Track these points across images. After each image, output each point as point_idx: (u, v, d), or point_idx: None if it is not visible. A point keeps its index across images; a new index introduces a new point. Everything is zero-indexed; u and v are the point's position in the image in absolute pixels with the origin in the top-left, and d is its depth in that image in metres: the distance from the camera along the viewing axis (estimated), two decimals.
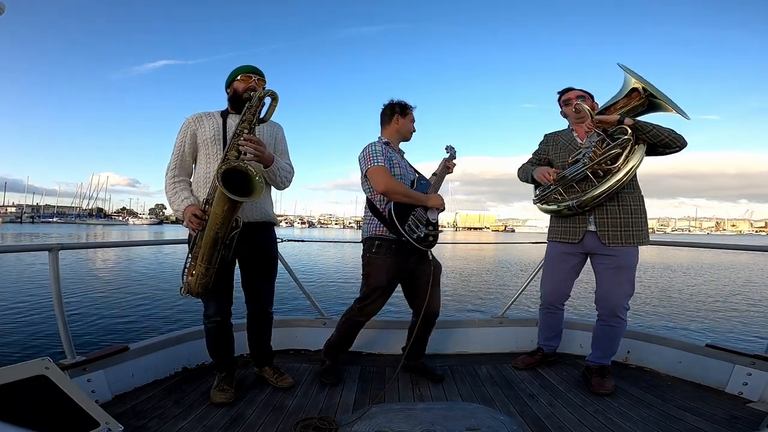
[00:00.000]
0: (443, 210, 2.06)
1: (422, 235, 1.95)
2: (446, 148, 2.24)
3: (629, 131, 1.89)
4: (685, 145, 1.91)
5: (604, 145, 1.96)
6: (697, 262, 17.08)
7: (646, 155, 1.96)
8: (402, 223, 1.93)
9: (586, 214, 2.06)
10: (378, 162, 1.96)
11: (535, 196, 2.29)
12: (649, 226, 2.14)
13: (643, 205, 2.04)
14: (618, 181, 1.91)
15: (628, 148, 1.90)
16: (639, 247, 2.03)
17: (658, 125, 1.91)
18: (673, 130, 1.90)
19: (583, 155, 2.01)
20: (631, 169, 1.90)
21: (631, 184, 2.01)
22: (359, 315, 2.08)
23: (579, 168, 2.02)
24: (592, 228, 2.05)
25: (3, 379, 1.24)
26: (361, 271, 2.11)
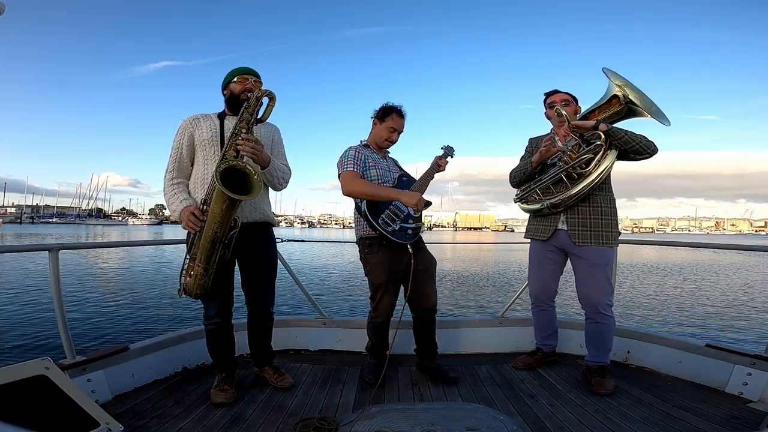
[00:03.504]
0: (421, 209, 2.02)
1: (397, 229, 1.96)
2: (442, 147, 2.25)
3: (603, 137, 1.96)
4: (656, 152, 1.98)
5: (580, 149, 2.04)
6: (696, 262, 17.08)
7: (620, 160, 2.05)
8: (376, 216, 1.95)
9: (559, 214, 2.14)
10: (347, 168, 2.02)
11: (516, 196, 2.35)
12: (649, 226, 2.17)
13: (614, 207, 2.11)
14: (589, 183, 1.99)
15: (600, 153, 1.98)
16: (616, 247, 2.09)
17: (631, 132, 1.97)
18: (644, 137, 1.97)
19: (559, 158, 2.08)
20: (601, 172, 1.98)
21: (603, 186, 2.08)
22: (375, 316, 2.10)
23: (555, 171, 2.09)
24: (563, 227, 2.13)
25: (3, 379, 1.24)
26: (364, 272, 2.13)
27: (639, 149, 1.96)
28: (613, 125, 2.01)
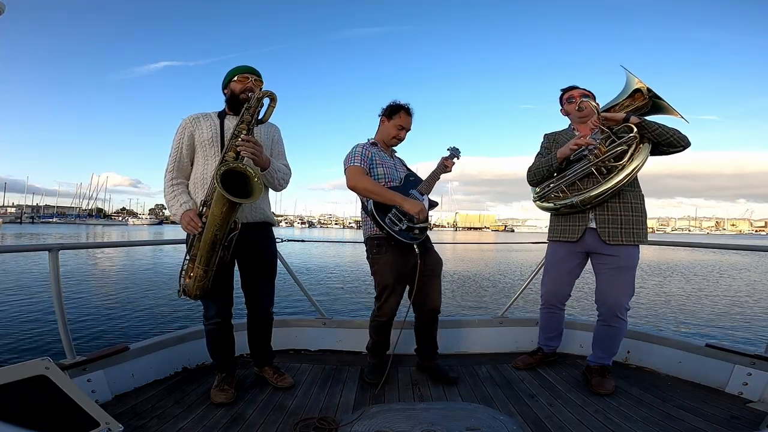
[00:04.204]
0: (423, 218, 1.97)
1: (404, 228, 1.95)
2: (449, 148, 2.25)
3: (635, 129, 1.89)
4: (689, 146, 1.91)
5: (609, 142, 1.96)
6: (697, 262, 17.08)
7: (651, 155, 1.96)
8: (383, 215, 1.94)
9: (587, 212, 2.05)
10: (354, 162, 2.02)
11: (536, 194, 2.26)
12: (650, 226, 2.14)
13: (644, 204, 2.04)
14: (625, 177, 1.90)
15: (634, 145, 1.90)
16: (639, 247, 2.03)
17: (664, 125, 1.91)
18: (677, 130, 1.90)
19: (590, 152, 2.00)
20: (636, 167, 1.90)
21: (632, 182, 2.00)
22: (379, 315, 2.09)
23: (583, 164, 2.01)
24: (592, 225, 2.04)
25: (3, 379, 1.24)
26: (370, 272, 2.12)
27: (673, 142, 1.88)
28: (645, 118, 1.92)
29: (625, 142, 1.91)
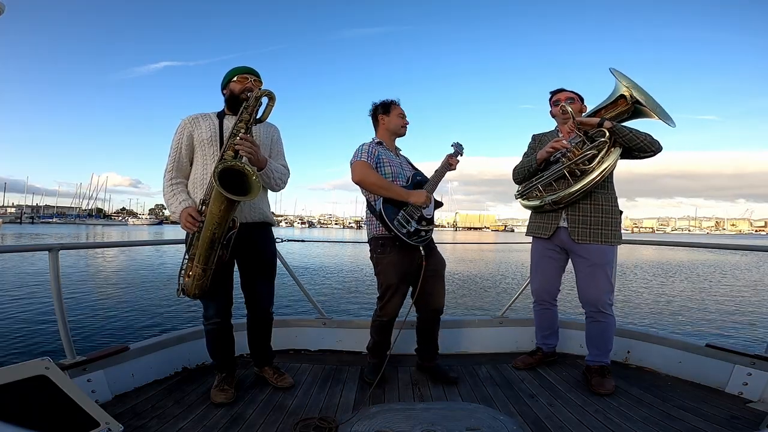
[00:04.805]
0: (430, 205, 2.04)
1: (412, 230, 1.96)
2: (452, 145, 2.27)
3: (607, 134, 1.96)
4: (660, 150, 1.98)
5: (584, 146, 2.03)
6: (697, 262, 17.09)
7: (624, 158, 2.05)
8: (391, 218, 1.95)
9: (560, 211, 2.13)
10: (361, 158, 2.04)
11: (517, 192, 2.35)
12: (649, 226, 2.17)
13: (616, 206, 2.11)
14: (591, 180, 1.98)
15: (604, 150, 1.98)
16: (617, 246, 2.10)
17: (636, 130, 1.97)
18: (649, 135, 1.97)
19: (563, 155, 2.08)
20: (605, 169, 1.98)
21: (605, 184, 2.07)
22: (381, 315, 2.10)
23: (558, 167, 2.09)
24: (563, 224, 2.13)
25: (3, 379, 1.24)
26: (374, 271, 2.13)
27: (643, 147, 1.96)
28: (619, 123, 2.00)
29: (596, 146, 1.98)
